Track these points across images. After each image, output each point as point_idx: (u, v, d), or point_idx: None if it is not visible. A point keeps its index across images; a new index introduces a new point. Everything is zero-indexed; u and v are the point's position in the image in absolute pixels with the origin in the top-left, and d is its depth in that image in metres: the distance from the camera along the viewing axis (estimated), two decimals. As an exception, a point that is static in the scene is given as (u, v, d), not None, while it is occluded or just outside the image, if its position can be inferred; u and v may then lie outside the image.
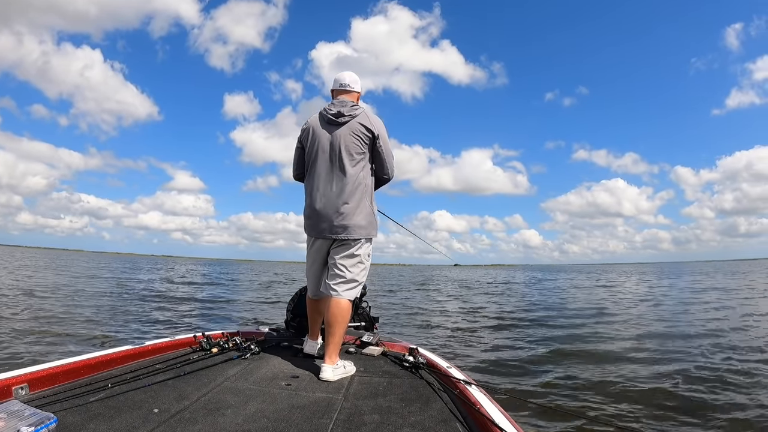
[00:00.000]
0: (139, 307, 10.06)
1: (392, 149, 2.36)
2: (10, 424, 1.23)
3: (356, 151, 2.21)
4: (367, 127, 2.22)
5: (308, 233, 2.37)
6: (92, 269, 29.07)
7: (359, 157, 2.22)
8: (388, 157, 2.32)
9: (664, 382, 4.18)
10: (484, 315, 9.92)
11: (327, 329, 2.20)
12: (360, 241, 2.26)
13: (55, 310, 8.54)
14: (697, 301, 12.31)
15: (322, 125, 2.28)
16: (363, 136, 2.22)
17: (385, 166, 2.32)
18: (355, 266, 2.26)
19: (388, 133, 2.33)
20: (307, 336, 2.56)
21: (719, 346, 5.78)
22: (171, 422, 1.48)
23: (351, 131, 2.21)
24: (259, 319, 8.76)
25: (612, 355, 5.42)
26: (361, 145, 2.22)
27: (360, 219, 2.22)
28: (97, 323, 7.46)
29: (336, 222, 2.21)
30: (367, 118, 2.24)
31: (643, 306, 11.14)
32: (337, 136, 2.23)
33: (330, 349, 2.15)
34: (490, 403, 1.61)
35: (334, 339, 2.16)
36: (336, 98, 2.34)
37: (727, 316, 8.81)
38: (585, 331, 7.37)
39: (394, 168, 2.36)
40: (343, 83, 2.35)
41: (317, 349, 2.45)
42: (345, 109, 2.24)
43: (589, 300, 13.31)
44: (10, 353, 4.91)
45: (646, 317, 8.95)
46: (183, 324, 7.91)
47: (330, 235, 2.25)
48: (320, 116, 2.31)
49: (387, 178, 2.37)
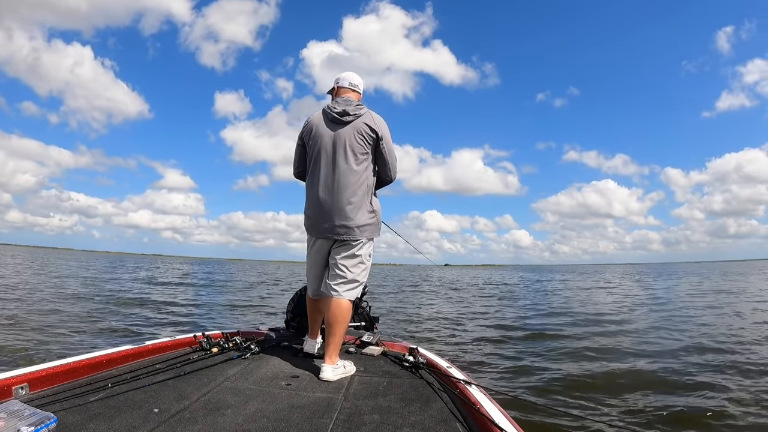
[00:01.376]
0: (93, 312, 8.43)
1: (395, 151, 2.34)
2: (10, 424, 1.23)
3: (360, 151, 2.19)
4: (371, 128, 2.20)
5: (309, 232, 2.34)
6: (73, 268, 27.51)
7: (363, 157, 2.20)
8: (391, 158, 2.29)
9: (666, 384, 4.17)
10: (484, 315, 9.92)
11: (327, 329, 2.20)
12: (361, 242, 2.24)
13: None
14: (699, 303, 12.30)
15: (325, 123, 2.25)
16: (367, 136, 2.20)
17: (388, 168, 2.30)
18: (357, 266, 2.25)
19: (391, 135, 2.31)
20: (307, 335, 2.56)
21: (725, 350, 5.77)
22: (171, 422, 1.48)
23: (355, 130, 2.19)
24: (226, 326, 7.55)
25: (612, 356, 5.42)
26: (364, 145, 2.20)
27: (362, 219, 2.21)
28: (21, 330, 6.05)
29: (338, 222, 2.19)
30: (372, 119, 2.22)
31: (643, 308, 11.12)
32: (341, 134, 2.20)
33: (330, 349, 2.14)
34: (490, 403, 1.61)
35: (334, 339, 2.15)
36: (341, 96, 2.31)
37: (732, 318, 8.81)
38: (585, 331, 7.37)
39: (396, 170, 2.34)
40: (352, 82, 2.34)
41: (317, 349, 2.45)
42: (350, 108, 2.21)
43: (588, 301, 13.31)
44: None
45: (646, 319, 8.94)
46: (129, 334, 6.55)
47: (332, 235, 2.23)
48: (324, 114, 2.28)
49: (389, 180, 2.35)
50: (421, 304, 12.59)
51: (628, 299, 13.74)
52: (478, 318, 9.39)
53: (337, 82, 2.35)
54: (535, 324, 8.33)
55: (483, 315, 9.94)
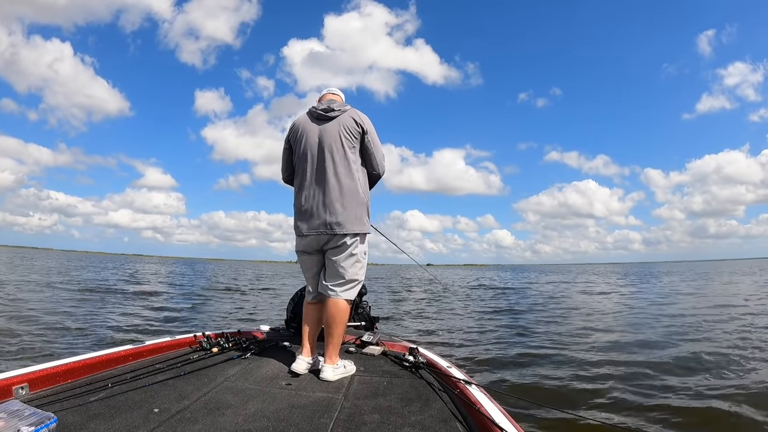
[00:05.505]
0: (30, 324, 6.57)
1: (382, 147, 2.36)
2: (10, 424, 1.23)
3: (348, 145, 2.20)
4: (356, 122, 2.22)
5: (298, 231, 2.27)
6: (43, 269, 24.82)
7: (350, 151, 2.21)
8: (378, 152, 2.31)
9: (666, 385, 4.17)
10: (483, 315, 9.92)
11: (326, 329, 2.19)
12: (356, 240, 2.22)
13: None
14: (689, 302, 12.30)
15: (311, 121, 2.28)
16: (353, 130, 2.22)
17: (375, 162, 2.31)
18: (353, 266, 2.24)
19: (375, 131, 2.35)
20: (298, 352, 2.27)
21: (724, 350, 5.78)
22: (171, 422, 1.48)
23: (341, 125, 2.21)
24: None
25: (613, 356, 5.42)
26: (351, 139, 2.21)
27: (352, 215, 2.18)
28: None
29: (327, 219, 2.16)
30: (357, 114, 2.26)
31: (636, 309, 11.11)
32: (327, 130, 2.22)
33: (330, 350, 2.14)
34: (490, 403, 1.61)
35: (334, 339, 2.15)
36: (324, 99, 2.38)
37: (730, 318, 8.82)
38: (585, 332, 7.37)
39: (384, 164, 2.36)
40: (330, 89, 2.44)
41: (306, 368, 2.18)
42: (335, 104, 2.26)
43: (584, 302, 13.30)
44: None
45: (646, 320, 8.94)
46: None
47: (322, 231, 2.18)
48: (309, 114, 2.31)
49: (377, 174, 2.35)
50: (413, 304, 12.56)
51: (621, 299, 13.74)
52: (478, 318, 9.39)
53: (320, 91, 2.47)
54: (535, 325, 8.33)
55: (482, 315, 9.94)
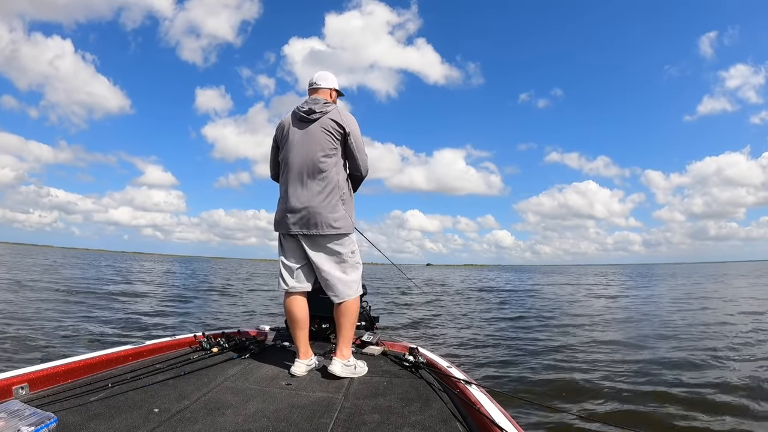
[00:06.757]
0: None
1: (365, 147, 2.34)
2: (10, 424, 1.23)
3: (328, 147, 2.20)
4: (338, 123, 2.21)
5: (277, 228, 2.30)
6: (36, 266, 24.29)
7: (331, 152, 2.21)
8: (360, 153, 2.30)
9: (667, 386, 4.16)
10: (482, 316, 9.92)
11: (337, 325, 2.21)
12: (340, 240, 2.21)
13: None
14: (695, 305, 12.29)
15: (294, 123, 2.28)
16: (334, 132, 2.21)
17: (358, 163, 2.31)
18: (349, 267, 2.24)
19: (360, 131, 2.32)
20: (295, 356, 2.24)
21: (726, 353, 5.78)
22: (171, 422, 1.48)
23: (321, 127, 2.21)
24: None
25: (613, 357, 5.42)
26: (332, 140, 2.21)
27: (330, 215, 2.17)
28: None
29: (307, 219, 2.17)
30: (339, 115, 2.24)
31: (638, 311, 11.10)
32: (308, 132, 2.23)
33: (341, 344, 2.15)
34: (490, 403, 1.61)
35: (346, 333, 2.17)
36: (311, 96, 2.36)
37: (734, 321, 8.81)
38: (585, 332, 7.37)
39: (367, 166, 2.35)
40: (311, 82, 2.38)
41: (307, 369, 2.20)
42: (317, 106, 2.24)
43: (583, 303, 13.30)
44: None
45: (644, 322, 8.93)
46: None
47: (301, 230, 2.18)
48: (293, 114, 2.32)
49: (360, 176, 2.36)
50: (413, 304, 12.56)
51: (623, 301, 13.73)
52: (476, 318, 9.39)
53: (309, 84, 2.40)
54: (535, 325, 8.33)
55: (481, 316, 9.93)
